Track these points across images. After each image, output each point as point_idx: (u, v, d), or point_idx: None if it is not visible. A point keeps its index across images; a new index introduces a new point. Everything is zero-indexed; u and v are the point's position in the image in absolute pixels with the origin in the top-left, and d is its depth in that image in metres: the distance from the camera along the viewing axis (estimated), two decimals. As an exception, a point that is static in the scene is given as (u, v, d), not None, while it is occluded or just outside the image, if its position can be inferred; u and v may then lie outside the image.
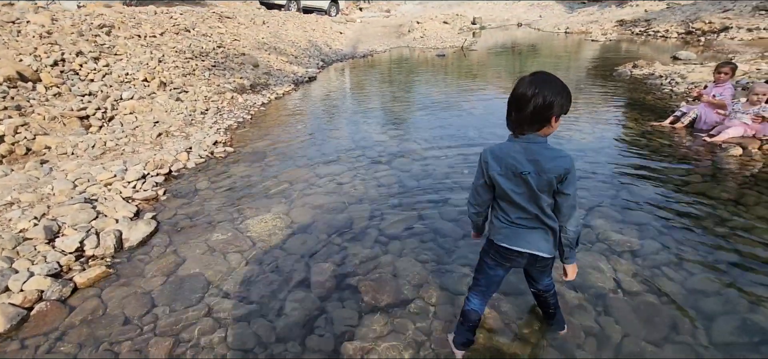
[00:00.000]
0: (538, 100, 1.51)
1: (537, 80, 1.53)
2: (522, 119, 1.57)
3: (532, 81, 1.54)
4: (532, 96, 1.51)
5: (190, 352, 2.16)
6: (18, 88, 5.59)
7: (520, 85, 1.57)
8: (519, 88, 1.57)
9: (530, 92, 1.52)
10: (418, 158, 4.74)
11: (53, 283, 2.63)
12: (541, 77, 1.55)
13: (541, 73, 1.57)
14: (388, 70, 12.36)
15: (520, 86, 1.56)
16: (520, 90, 1.56)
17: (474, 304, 1.96)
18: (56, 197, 3.73)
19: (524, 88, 1.54)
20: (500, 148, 1.66)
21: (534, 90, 1.51)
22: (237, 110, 7.42)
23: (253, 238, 3.24)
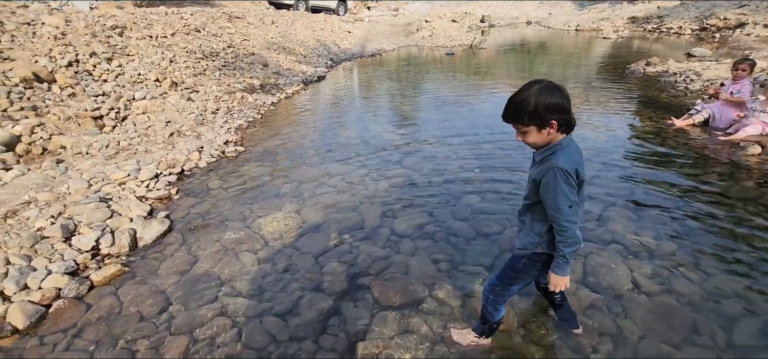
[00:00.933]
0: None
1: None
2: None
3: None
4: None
5: (205, 350, 2.17)
6: (34, 88, 5.68)
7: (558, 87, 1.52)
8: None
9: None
10: (428, 157, 4.72)
11: (70, 281, 2.66)
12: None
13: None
14: (396, 69, 12.34)
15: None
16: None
17: (503, 312, 2.02)
18: (72, 196, 3.78)
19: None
20: (573, 151, 1.56)
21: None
22: (247, 110, 7.46)
23: (265, 237, 3.25)
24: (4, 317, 2.36)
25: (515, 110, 1.52)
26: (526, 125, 1.51)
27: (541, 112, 1.46)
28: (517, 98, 1.51)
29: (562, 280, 1.70)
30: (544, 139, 1.55)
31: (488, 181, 4.04)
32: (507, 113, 1.56)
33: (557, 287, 1.72)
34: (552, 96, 1.46)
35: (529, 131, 1.54)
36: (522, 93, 1.49)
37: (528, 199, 1.72)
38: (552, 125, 1.49)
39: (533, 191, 1.65)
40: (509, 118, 1.57)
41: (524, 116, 1.50)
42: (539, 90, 1.46)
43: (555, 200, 1.52)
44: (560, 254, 1.63)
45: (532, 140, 1.57)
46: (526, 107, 1.48)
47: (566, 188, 1.50)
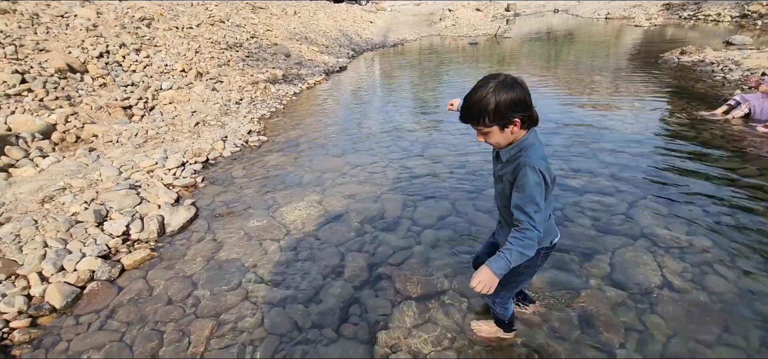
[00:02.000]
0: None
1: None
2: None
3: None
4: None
5: (229, 334, 2.22)
6: (68, 79, 5.89)
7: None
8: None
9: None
10: (451, 149, 4.67)
11: (103, 264, 2.77)
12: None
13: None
14: (419, 59, 12.24)
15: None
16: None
17: (512, 307, 1.99)
18: (104, 183, 3.92)
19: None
20: (542, 147, 1.49)
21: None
22: (270, 100, 7.54)
23: (288, 226, 3.29)
24: (43, 296, 2.47)
25: (474, 110, 1.38)
26: (487, 125, 1.38)
27: (502, 110, 1.34)
28: (474, 97, 1.37)
29: (493, 279, 1.50)
30: (508, 138, 1.43)
31: (511, 173, 3.97)
32: (466, 114, 1.42)
33: (482, 285, 1.50)
34: (512, 91, 1.34)
35: (491, 132, 1.41)
36: (479, 91, 1.36)
37: (502, 202, 1.62)
38: (515, 123, 1.38)
39: (505, 191, 1.55)
40: (468, 119, 1.42)
41: (485, 116, 1.36)
42: (497, 87, 1.34)
43: (524, 199, 1.42)
44: (507, 251, 1.47)
45: (494, 141, 1.45)
46: (486, 105, 1.34)
47: (537, 190, 1.40)
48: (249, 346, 2.15)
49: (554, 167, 4.01)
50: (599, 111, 5.84)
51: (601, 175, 3.79)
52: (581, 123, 5.32)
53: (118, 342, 2.20)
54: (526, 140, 1.44)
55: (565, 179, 3.77)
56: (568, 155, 4.28)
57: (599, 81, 7.77)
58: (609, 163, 4.04)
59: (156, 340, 2.20)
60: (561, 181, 3.73)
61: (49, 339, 2.23)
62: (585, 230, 2.97)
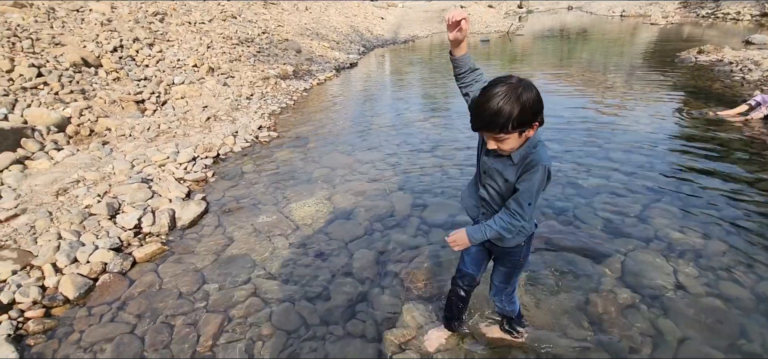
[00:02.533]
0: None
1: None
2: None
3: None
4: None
5: (238, 329, 2.23)
6: (82, 72, 5.97)
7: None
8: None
9: None
10: (461, 147, 4.64)
11: (115, 257, 2.81)
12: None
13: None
14: (429, 57, 12.17)
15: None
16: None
17: (518, 302, 1.98)
18: (116, 177, 3.97)
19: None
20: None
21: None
22: (280, 96, 7.57)
23: (297, 222, 3.30)
24: (57, 287, 2.51)
25: (497, 119, 1.23)
26: (510, 132, 1.26)
27: (527, 115, 1.25)
28: (493, 106, 1.22)
29: (465, 242, 1.56)
30: (522, 142, 1.35)
31: (522, 172, 3.93)
32: (486, 124, 1.28)
33: (458, 243, 1.58)
34: (532, 93, 1.25)
35: (509, 138, 1.29)
36: (497, 99, 1.22)
37: (494, 197, 1.53)
38: (534, 127, 1.31)
39: (503, 188, 1.47)
40: (488, 128, 1.29)
41: (509, 124, 1.23)
42: (518, 91, 1.23)
43: (524, 192, 1.39)
44: (488, 226, 1.49)
45: (509, 147, 1.34)
46: (511, 113, 1.22)
47: (540, 187, 1.38)
48: (257, 342, 2.16)
49: (567, 166, 3.97)
50: (613, 110, 5.75)
51: (615, 175, 3.73)
52: (594, 122, 5.24)
53: (129, 334, 2.23)
54: (536, 137, 1.39)
55: (577, 179, 3.72)
56: (580, 155, 4.22)
57: (613, 80, 7.65)
58: (622, 163, 3.97)
59: (166, 333, 2.23)
60: (573, 181, 3.68)
61: (62, 329, 2.27)
62: (597, 232, 2.93)
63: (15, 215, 3.20)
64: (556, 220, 3.11)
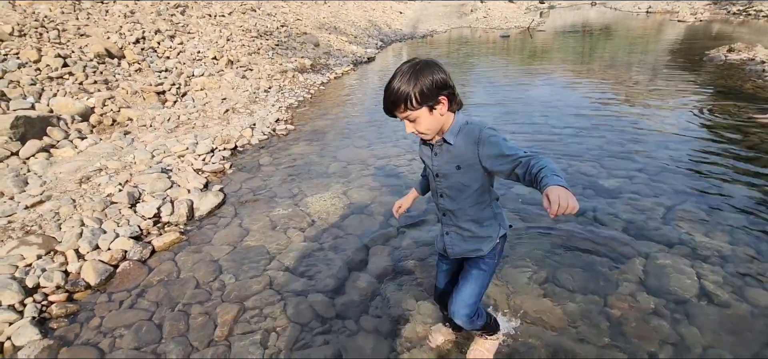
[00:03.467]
0: None
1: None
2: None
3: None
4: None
5: (254, 320, 2.25)
6: (106, 64, 6.11)
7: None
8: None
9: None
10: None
11: (135, 245, 2.86)
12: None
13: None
14: (448, 52, 12.05)
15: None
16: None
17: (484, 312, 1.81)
18: (137, 166, 4.04)
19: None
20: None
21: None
22: (297, 89, 7.61)
23: (312, 215, 3.31)
24: (79, 273, 2.58)
25: (399, 97, 1.28)
26: (415, 108, 1.29)
27: (427, 89, 1.27)
28: (394, 85, 1.29)
29: (568, 193, 1.05)
30: (438, 121, 1.35)
31: (541, 171, 3.86)
32: (392, 102, 1.31)
33: (566, 198, 1.03)
34: (431, 70, 1.29)
35: (420, 117, 1.32)
36: (397, 78, 1.29)
37: (456, 200, 1.48)
38: (442, 102, 1.32)
39: (461, 181, 1.43)
40: (393, 108, 1.32)
41: (410, 99, 1.27)
42: (415, 68, 1.28)
43: (503, 150, 1.29)
44: (551, 171, 1.13)
45: (425, 127, 1.35)
46: (409, 88, 1.27)
47: (503, 139, 1.31)
48: (272, 333, 2.17)
49: (587, 166, 3.88)
50: (637, 110, 5.59)
51: (638, 177, 3.63)
52: (617, 122, 5.11)
53: (148, 321, 2.27)
54: (461, 118, 1.40)
55: (598, 180, 3.63)
56: (601, 155, 4.12)
57: (637, 78, 7.44)
58: (646, 164, 3.86)
59: (183, 322, 2.26)
60: (594, 182, 3.60)
61: (83, 314, 2.32)
62: (618, 234, 2.85)
63: (40, 201, 3.30)
64: (575, 221, 3.04)
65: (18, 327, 2.14)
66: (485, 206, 1.52)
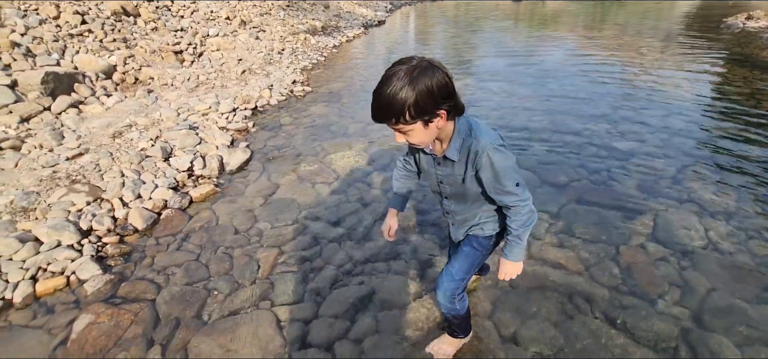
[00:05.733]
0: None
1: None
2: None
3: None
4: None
5: (291, 262, 2.45)
6: (123, 21, 6.15)
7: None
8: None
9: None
10: (494, 107, 4.69)
11: (174, 195, 3.05)
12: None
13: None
14: (457, 15, 11.90)
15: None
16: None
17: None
18: (165, 123, 4.19)
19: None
20: (484, 123, 1.30)
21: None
22: (310, 52, 7.63)
23: (337, 171, 3.48)
24: (126, 219, 2.77)
25: (391, 108, 1.06)
26: (408, 123, 1.09)
27: (424, 103, 1.06)
28: (388, 92, 1.06)
29: (517, 267, 1.42)
30: (432, 133, 1.17)
31: (556, 132, 3.98)
32: (380, 114, 1.10)
33: (510, 275, 1.43)
34: (433, 77, 1.06)
35: (413, 130, 1.12)
36: (393, 83, 1.05)
37: (460, 203, 1.43)
38: (440, 116, 1.12)
39: (467, 189, 1.35)
40: (384, 118, 1.10)
41: (405, 113, 1.06)
42: (415, 75, 1.05)
43: (501, 181, 1.24)
44: (514, 236, 1.34)
45: (417, 140, 1.16)
46: (405, 100, 1.05)
47: (508, 165, 1.22)
48: (310, 273, 2.37)
49: (601, 128, 4.00)
50: (650, 76, 5.64)
51: (650, 139, 3.76)
52: (630, 87, 5.18)
53: (195, 261, 2.47)
54: (463, 127, 1.23)
55: (611, 141, 3.76)
56: (615, 119, 4.23)
57: (651, 44, 7.42)
58: (659, 127, 3.98)
59: (227, 262, 2.46)
60: (607, 143, 3.73)
61: (136, 254, 2.53)
62: (630, 191, 3.01)
63: (80, 154, 3.46)
64: (588, 179, 3.20)
65: (80, 263, 2.34)
66: (490, 202, 1.42)
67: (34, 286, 2.21)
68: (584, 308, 2.05)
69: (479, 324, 1.96)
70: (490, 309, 2.07)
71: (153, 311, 2.11)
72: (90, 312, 2.07)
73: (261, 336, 1.94)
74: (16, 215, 2.65)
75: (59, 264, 2.33)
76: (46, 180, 3.03)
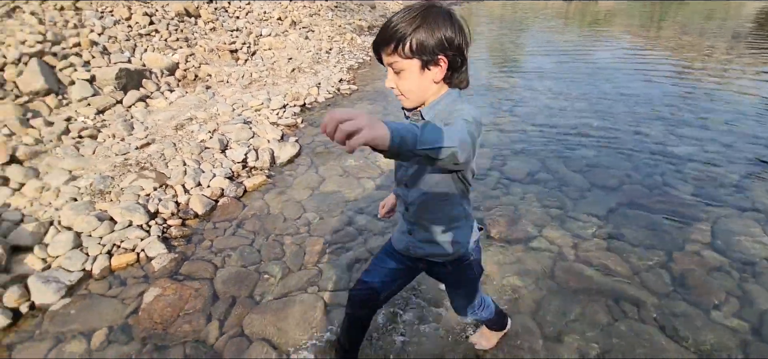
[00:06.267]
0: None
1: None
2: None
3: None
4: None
5: (338, 251, 2.56)
6: (185, 22, 6.58)
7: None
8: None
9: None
10: (542, 107, 4.61)
11: (230, 184, 3.26)
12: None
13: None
14: (503, 14, 11.68)
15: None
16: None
17: (490, 300, 1.70)
18: (221, 117, 4.46)
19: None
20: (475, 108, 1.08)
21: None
22: (356, 51, 7.79)
23: (382, 167, 3.57)
24: (188, 204, 3.00)
25: (395, 32, 1.00)
26: (406, 55, 1.01)
27: (427, 39, 0.99)
28: (395, 19, 1.01)
29: (373, 130, 0.77)
30: (425, 87, 1.06)
31: (607, 137, 3.86)
32: (383, 37, 1.03)
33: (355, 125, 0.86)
34: (446, 22, 1.00)
35: (407, 70, 1.03)
36: (403, 14, 1.01)
37: (420, 190, 1.21)
38: (440, 64, 1.03)
39: (427, 169, 1.16)
40: (385, 42, 1.03)
41: (405, 41, 1.00)
42: (425, 11, 1.00)
43: (462, 124, 0.94)
44: (416, 127, 0.86)
45: (407, 86, 1.06)
46: (411, 28, 0.99)
47: (468, 128, 0.92)
48: (355, 264, 2.47)
49: (656, 132, 3.83)
50: (713, 78, 5.31)
51: (710, 144, 3.56)
52: (690, 88, 4.91)
53: (249, 246, 2.64)
54: (451, 97, 1.09)
55: (667, 146, 3.60)
56: (673, 122, 4.03)
57: (715, 45, 6.96)
58: (721, 132, 3.76)
59: (278, 249, 2.61)
60: (663, 148, 3.57)
61: (196, 237, 2.74)
62: (686, 197, 2.88)
63: (147, 143, 3.77)
64: (641, 183, 3.09)
65: (148, 242, 2.57)
66: (455, 204, 1.24)
67: (109, 260, 2.45)
68: (632, 313, 2.01)
69: (523, 323, 1.97)
70: (534, 308, 2.07)
71: (211, 288, 2.28)
72: (157, 286, 2.27)
73: (309, 319, 2.06)
74: (94, 197, 2.94)
75: (131, 242, 2.57)
76: (119, 166, 3.33)
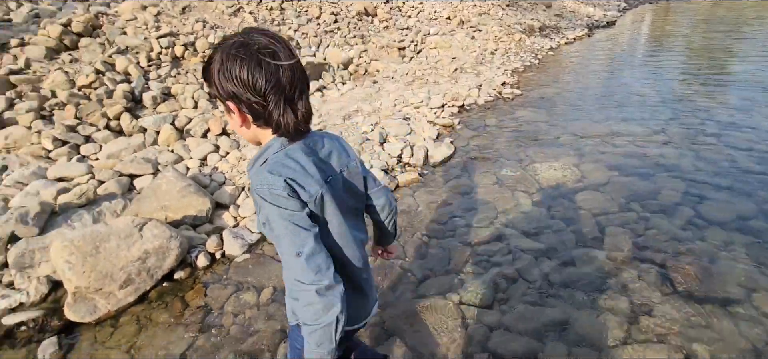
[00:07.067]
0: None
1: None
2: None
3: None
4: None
5: (483, 264, 2.45)
6: (363, 21, 7.18)
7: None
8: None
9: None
10: (764, 133, 3.59)
11: (384, 176, 3.42)
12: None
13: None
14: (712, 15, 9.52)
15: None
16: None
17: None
18: (383, 112, 4.73)
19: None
20: (293, 156, 0.91)
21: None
22: (523, 53, 7.36)
23: (541, 182, 3.28)
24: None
25: (208, 68, 0.87)
26: (214, 95, 0.89)
27: (214, 77, 0.85)
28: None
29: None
30: (246, 133, 0.92)
31: None
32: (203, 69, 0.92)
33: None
34: (235, 59, 0.81)
35: (226, 112, 0.92)
36: (218, 45, 0.87)
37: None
38: (230, 110, 0.88)
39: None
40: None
41: (207, 79, 0.88)
42: (229, 47, 0.83)
43: (278, 245, 0.87)
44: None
45: (232, 126, 0.93)
46: (209, 62, 0.86)
47: (284, 224, 0.84)
48: (500, 280, 2.32)
49: None
50: None
51: None
52: None
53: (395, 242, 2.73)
54: (274, 148, 0.91)
55: None
56: None
57: None
58: None
59: (423, 249, 2.63)
60: None
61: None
62: None
63: (321, 129, 4.25)
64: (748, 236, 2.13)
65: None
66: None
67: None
68: None
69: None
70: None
71: (359, 273, 2.43)
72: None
73: (445, 326, 2.02)
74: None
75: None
76: (297, 147, 3.83)
